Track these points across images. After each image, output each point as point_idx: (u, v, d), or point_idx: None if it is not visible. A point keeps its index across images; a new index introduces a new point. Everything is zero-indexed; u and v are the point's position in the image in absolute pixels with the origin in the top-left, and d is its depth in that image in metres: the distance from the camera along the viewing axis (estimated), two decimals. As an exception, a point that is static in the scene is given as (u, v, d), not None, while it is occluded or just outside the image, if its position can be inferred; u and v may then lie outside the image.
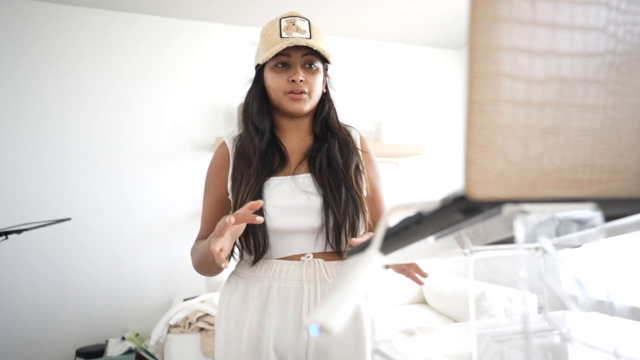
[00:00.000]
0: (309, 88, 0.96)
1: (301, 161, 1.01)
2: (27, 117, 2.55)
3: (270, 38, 0.96)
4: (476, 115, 0.26)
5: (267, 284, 0.93)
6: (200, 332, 2.21)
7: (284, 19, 0.97)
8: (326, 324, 0.28)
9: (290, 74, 0.95)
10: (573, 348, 0.44)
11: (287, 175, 0.98)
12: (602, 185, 0.30)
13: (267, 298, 0.92)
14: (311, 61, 0.97)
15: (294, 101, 0.96)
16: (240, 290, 0.96)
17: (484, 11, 0.26)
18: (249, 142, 0.99)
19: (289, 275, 0.93)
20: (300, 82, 0.95)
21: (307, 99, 0.97)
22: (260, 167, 0.96)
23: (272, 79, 0.97)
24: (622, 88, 0.31)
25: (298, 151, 1.03)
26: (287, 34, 0.94)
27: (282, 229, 0.93)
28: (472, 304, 1.98)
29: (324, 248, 0.95)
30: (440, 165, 3.34)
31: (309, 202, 0.95)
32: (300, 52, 0.95)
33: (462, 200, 0.26)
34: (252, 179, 0.94)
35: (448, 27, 3.12)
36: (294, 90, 0.95)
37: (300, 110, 0.97)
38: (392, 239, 0.36)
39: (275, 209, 0.93)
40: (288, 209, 0.93)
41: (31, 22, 2.59)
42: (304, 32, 0.95)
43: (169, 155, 2.78)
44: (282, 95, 0.96)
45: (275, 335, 0.91)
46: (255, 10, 2.80)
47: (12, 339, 2.43)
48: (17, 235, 1.73)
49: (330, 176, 0.97)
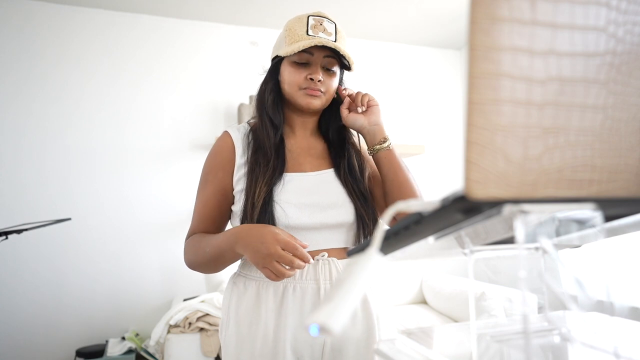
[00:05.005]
0: (325, 89, 0.96)
1: (316, 158, 1.02)
2: (27, 117, 2.55)
3: (295, 33, 0.94)
4: (476, 115, 0.26)
5: (282, 285, 0.92)
6: (200, 332, 2.21)
7: (312, 17, 0.96)
8: (326, 324, 0.28)
9: (309, 72, 0.95)
10: (573, 348, 0.44)
11: (300, 172, 0.98)
12: (602, 185, 0.30)
13: (283, 299, 0.91)
14: (331, 64, 0.97)
15: (308, 96, 0.95)
16: (251, 292, 0.93)
17: (484, 11, 0.26)
18: (266, 136, 0.97)
19: (304, 276, 0.92)
20: (319, 82, 0.95)
21: (322, 96, 0.97)
22: (276, 162, 0.95)
23: (289, 74, 0.96)
24: (622, 88, 0.31)
25: (307, 148, 1.03)
26: (313, 32, 0.93)
27: (297, 226, 0.92)
28: (472, 304, 1.98)
29: (338, 246, 0.96)
30: (440, 165, 3.34)
31: (326, 199, 0.95)
32: (323, 53, 0.94)
33: (462, 200, 0.26)
34: (268, 173, 0.93)
35: (448, 27, 3.12)
36: (310, 88, 0.95)
37: (312, 105, 0.96)
38: (392, 239, 0.36)
39: (291, 206, 0.92)
40: (304, 206, 0.92)
41: (31, 22, 2.59)
42: (330, 35, 0.95)
43: (169, 155, 2.78)
44: (296, 90, 0.95)
45: (292, 336, 0.90)
46: (255, 10, 2.80)
47: (12, 339, 2.43)
48: (17, 235, 1.73)
49: (349, 174, 0.99)
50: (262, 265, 0.80)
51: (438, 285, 2.74)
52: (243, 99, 2.92)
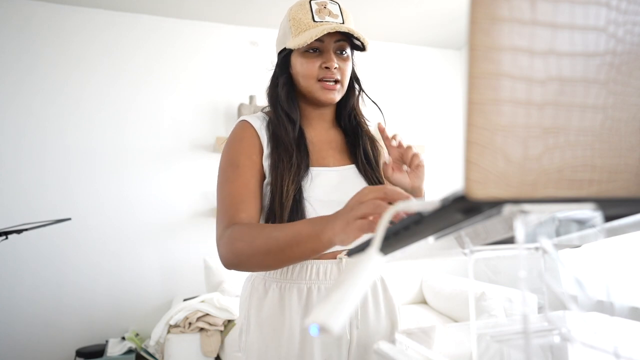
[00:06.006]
0: (342, 75, 0.91)
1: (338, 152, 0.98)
2: (28, 117, 2.55)
3: (301, 21, 0.89)
4: (476, 115, 0.26)
5: (306, 287, 0.87)
6: (200, 332, 2.21)
7: (314, 2, 0.91)
8: (326, 324, 0.28)
9: (323, 60, 0.89)
10: (573, 348, 0.44)
11: (324, 166, 0.93)
12: (602, 185, 0.30)
13: (308, 300, 0.87)
14: (343, 47, 0.91)
15: (327, 91, 0.90)
16: (272, 295, 0.89)
17: (484, 11, 0.26)
18: (283, 131, 0.91)
19: (329, 276, 0.88)
20: (335, 69, 0.89)
21: (340, 88, 0.92)
22: (299, 157, 0.89)
23: (302, 65, 0.90)
24: (622, 88, 0.31)
25: (328, 141, 0.99)
26: (319, 17, 0.88)
27: None
28: (472, 304, 1.98)
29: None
30: (440, 165, 3.34)
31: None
32: (334, 38, 0.89)
33: (462, 200, 0.26)
34: (294, 169, 0.87)
35: (448, 27, 3.12)
36: (326, 78, 0.90)
37: (332, 100, 0.92)
38: (392, 239, 0.36)
39: (319, 203, 0.87)
40: (332, 203, 0.85)
41: (31, 22, 2.59)
42: (336, 17, 0.90)
43: (169, 155, 2.78)
44: (313, 82, 0.90)
45: (319, 338, 0.86)
46: (255, 10, 2.80)
47: (12, 339, 2.43)
48: (17, 235, 1.73)
49: (367, 164, 0.95)
50: (358, 213, 0.58)
51: (438, 285, 2.74)
52: (243, 99, 2.92)
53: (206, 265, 2.62)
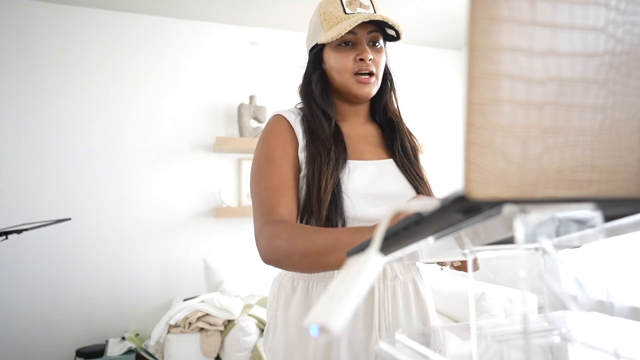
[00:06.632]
0: (376, 67, 0.89)
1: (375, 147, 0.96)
2: (28, 117, 2.56)
3: (332, 15, 0.87)
4: (476, 115, 0.26)
5: None
6: (200, 332, 2.21)
7: None
8: (326, 324, 0.28)
9: (357, 52, 0.87)
10: (573, 348, 0.44)
11: (362, 159, 0.91)
12: (602, 185, 0.30)
13: None
14: (376, 39, 0.90)
15: (363, 85, 0.88)
16: (300, 292, 0.87)
17: (483, 11, 0.26)
18: (320, 128, 0.89)
19: None
20: (370, 61, 0.87)
21: (375, 81, 0.90)
22: (337, 150, 0.87)
23: (337, 60, 0.88)
24: (622, 88, 0.31)
25: (364, 136, 0.97)
26: (350, 9, 0.86)
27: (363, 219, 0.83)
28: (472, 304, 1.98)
29: None
30: (440, 165, 3.34)
31: (392, 190, 0.88)
32: (367, 29, 0.87)
33: (462, 200, 0.26)
34: (332, 163, 0.85)
35: (448, 27, 3.13)
36: (362, 70, 0.87)
37: (368, 94, 0.90)
38: (391, 239, 0.36)
39: (358, 196, 0.85)
40: (370, 197, 0.85)
41: (31, 22, 2.59)
42: (367, 7, 0.87)
43: (169, 155, 2.78)
44: (349, 76, 0.88)
45: (346, 338, 0.84)
46: (255, 10, 2.80)
47: (12, 339, 2.43)
48: (17, 235, 1.73)
49: (405, 158, 0.94)
50: None
51: (438, 285, 2.74)
52: (243, 99, 2.92)
53: (206, 265, 2.62)
